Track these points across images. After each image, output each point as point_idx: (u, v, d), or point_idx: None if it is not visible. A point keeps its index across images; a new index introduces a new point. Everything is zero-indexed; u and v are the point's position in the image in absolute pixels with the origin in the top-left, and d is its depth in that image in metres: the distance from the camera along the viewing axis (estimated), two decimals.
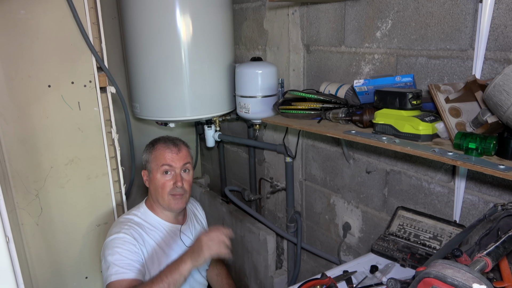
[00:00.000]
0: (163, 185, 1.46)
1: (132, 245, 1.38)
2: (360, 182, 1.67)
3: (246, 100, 1.82)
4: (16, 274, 0.93)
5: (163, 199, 1.47)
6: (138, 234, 1.42)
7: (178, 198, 1.47)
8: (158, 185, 1.47)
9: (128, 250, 1.37)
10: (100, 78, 1.62)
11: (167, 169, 1.46)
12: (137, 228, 1.44)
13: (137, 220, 1.48)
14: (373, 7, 1.44)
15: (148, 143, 1.56)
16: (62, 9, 1.49)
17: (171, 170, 1.47)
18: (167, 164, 1.46)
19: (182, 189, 1.47)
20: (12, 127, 1.49)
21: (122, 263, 1.34)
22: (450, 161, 1.03)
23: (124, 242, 1.38)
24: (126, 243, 1.38)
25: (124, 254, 1.35)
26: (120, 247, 1.36)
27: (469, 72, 1.20)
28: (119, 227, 1.43)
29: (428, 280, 0.70)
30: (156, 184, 1.47)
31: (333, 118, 1.46)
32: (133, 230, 1.42)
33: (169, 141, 1.52)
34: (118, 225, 1.45)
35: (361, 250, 1.75)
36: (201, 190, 2.84)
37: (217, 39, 1.93)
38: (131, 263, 1.35)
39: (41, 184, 1.58)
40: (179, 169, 1.48)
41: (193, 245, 1.30)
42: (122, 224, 1.45)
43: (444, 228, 1.32)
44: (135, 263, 1.36)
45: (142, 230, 1.45)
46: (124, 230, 1.41)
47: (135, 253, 1.38)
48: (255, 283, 2.37)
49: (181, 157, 1.48)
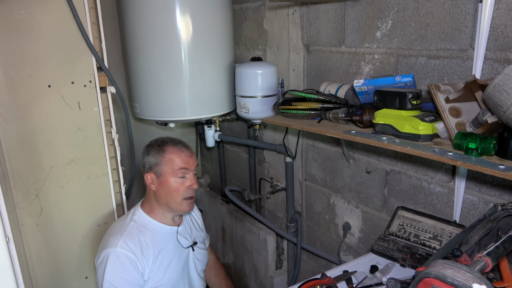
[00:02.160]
0: (178, 189, 1.44)
1: (131, 265, 1.36)
2: (360, 182, 1.67)
3: (246, 100, 1.82)
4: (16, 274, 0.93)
5: (176, 202, 1.45)
6: (137, 244, 1.40)
7: (191, 201, 1.48)
8: (171, 189, 1.43)
9: (126, 269, 1.36)
10: (100, 78, 1.62)
11: (184, 172, 1.44)
12: (135, 236, 1.41)
13: (135, 226, 1.44)
14: (373, 7, 1.44)
15: (153, 145, 1.49)
16: (62, 9, 1.49)
17: (187, 173, 1.46)
18: (184, 168, 1.44)
19: (194, 191, 1.48)
20: (12, 127, 1.49)
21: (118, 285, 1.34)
22: (450, 161, 1.03)
23: (123, 262, 1.35)
24: (125, 263, 1.36)
25: (121, 274, 1.35)
26: (118, 267, 1.35)
27: (469, 72, 1.20)
28: (117, 237, 1.39)
29: (428, 280, 0.70)
30: (169, 188, 1.44)
31: (333, 118, 1.46)
32: (131, 242, 1.39)
33: (179, 144, 1.49)
34: (115, 234, 1.41)
35: (361, 250, 1.75)
36: (201, 190, 2.84)
37: (217, 39, 1.93)
38: (126, 285, 1.35)
39: (41, 184, 1.58)
40: (193, 172, 1.48)
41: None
42: (119, 234, 1.40)
43: (444, 228, 1.32)
44: (130, 284, 1.36)
45: (141, 237, 1.42)
46: (123, 243, 1.37)
47: (133, 274, 1.37)
48: (255, 283, 2.37)
49: (194, 160, 1.49)
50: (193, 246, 1.59)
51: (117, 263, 1.35)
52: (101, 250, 1.40)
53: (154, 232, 1.47)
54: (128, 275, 1.35)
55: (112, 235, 1.41)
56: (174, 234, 1.53)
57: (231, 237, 2.56)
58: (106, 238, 1.44)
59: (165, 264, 1.45)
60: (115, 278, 1.34)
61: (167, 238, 1.50)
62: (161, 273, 1.44)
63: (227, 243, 2.63)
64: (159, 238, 1.47)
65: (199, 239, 1.65)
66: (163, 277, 1.44)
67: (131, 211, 1.52)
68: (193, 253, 1.59)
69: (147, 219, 1.48)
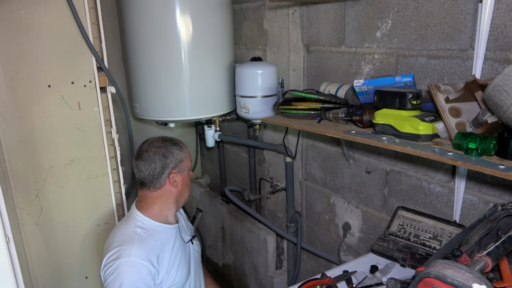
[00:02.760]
0: (190, 183, 1.52)
1: (147, 274, 1.32)
2: (360, 182, 1.67)
3: (246, 100, 1.82)
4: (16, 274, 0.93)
5: (186, 197, 1.51)
6: (150, 250, 1.35)
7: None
8: (188, 182, 1.49)
9: (141, 278, 1.31)
10: (100, 78, 1.62)
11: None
12: (147, 242, 1.36)
13: (144, 232, 1.39)
14: (373, 7, 1.44)
15: (167, 146, 1.43)
16: (62, 9, 1.49)
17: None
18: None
19: None
20: (12, 127, 1.49)
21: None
22: (450, 161, 1.03)
23: (139, 271, 1.31)
24: (141, 272, 1.31)
25: (136, 284, 1.29)
26: (134, 276, 1.30)
27: (469, 72, 1.20)
28: (129, 246, 1.32)
29: (428, 280, 0.70)
30: (187, 182, 1.49)
31: (333, 118, 1.46)
32: (145, 249, 1.34)
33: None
34: (127, 243, 1.34)
35: (361, 250, 1.75)
36: (201, 190, 2.84)
37: (217, 39, 1.93)
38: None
39: (41, 184, 1.58)
40: None
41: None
42: (130, 242, 1.34)
43: (444, 228, 1.32)
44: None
45: (152, 241, 1.38)
46: (136, 252, 1.32)
47: (149, 282, 1.33)
48: (255, 283, 2.37)
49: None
50: (192, 239, 1.60)
51: (134, 273, 1.30)
52: (113, 261, 1.32)
53: (162, 234, 1.43)
54: (143, 284, 1.31)
55: (123, 245, 1.34)
56: (177, 231, 1.53)
57: (231, 237, 2.56)
58: (113, 244, 1.36)
59: (176, 263, 1.45)
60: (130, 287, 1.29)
61: (173, 237, 1.49)
62: (174, 272, 1.43)
63: (227, 243, 2.63)
64: (167, 239, 1.45)
65: (191, 231, 1.66)
66: (176, 275, 1.44)
67: (130, 216, 1.45)
68: (193, 246, 1.60)
69: (151, 223, 1.43)
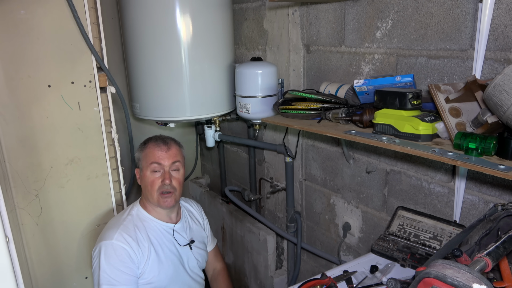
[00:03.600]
0: (152, 183, 1.48)
1: (127, 257, 1.39)
2: (360, 182, 1.67)
3: (246, 100, 1.82)
4: (16, 274, 0.93)
5: (152, 196, 1.49)
6: (133, 236, 1.43)
7: (166, 196, 1.49)
8: (147, 182, 1.49)
9: (122, 261, 1.37)
10: (100, 78, 1.62)
11: (155, 167, 1.48)
12: (131, 229, 1.44)
13: (132, 220, 1.48)
14: (373, 7, 1.44)
15: (142, 142, 1.58)
16: (62, 9, 1.49)
17: (160, 168, 1.49)
18: (155, 162, 1.48)
19: (170, 186, 1.48)
20: (12, 127, 1.49)
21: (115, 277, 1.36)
22: (450, 161, 1.03)
23: (119, 254, 1.38)
24: (121, 255, 1.38)
25: (117, 266, 1.36)
26: (114, 258, 1.37)
27: (469, 72, 1.20)
28: (114, 230, 1.43)
29: (428, 280, 0.70)
30: (146, 182, 1.50)
31: (333, 118, 1.46)
32: (127, 235, 1.42)
33: (160, 139, 1.54)
34: (112, 228, 1.45)
35: (361, 250, 1.75)
36: (201, 190, 2.84)
37: (217, 39, 1.93)
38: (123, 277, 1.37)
39: (41, 184, 1.58)
40: (168, 167, 1.49)
41: None
42: (116, 227, 1.44)
43: (444, 228, 1.32)
44: (127, 275, 1.38)
45: (137, 231, 1.45)
46: (119, 236, 1.40)
47: (129, 265, 1.39)
48: (255, 283, 2.37)
49: (170, 155, 1.50)
50: (191, 244, 1.59)
51: (113, 255, 1.37)
52: (97, 243, 1.43)
53: (150, 227, 1.50)
54: (125, 267, 1.38)
55: (109, 229, 1.45)
56: (170, 231, 1.53)
57: (231, 237, 2.56)
58: (103, 231, 1.47)
59: (160, 259, 1.46)
60: (112, 269, 1.36)
61: (163, 234, 1.51)
62: (156, 268, 1.45)
63: (227, 243, 2.63)
64: (155, 233, 1.50)
65: (199, 238, 1.65)
66: (158, 273, 1.45)
67: (129, 206, 1.57)
68: (192, 252, 1.59)
69: (144, 214, 1.52)
